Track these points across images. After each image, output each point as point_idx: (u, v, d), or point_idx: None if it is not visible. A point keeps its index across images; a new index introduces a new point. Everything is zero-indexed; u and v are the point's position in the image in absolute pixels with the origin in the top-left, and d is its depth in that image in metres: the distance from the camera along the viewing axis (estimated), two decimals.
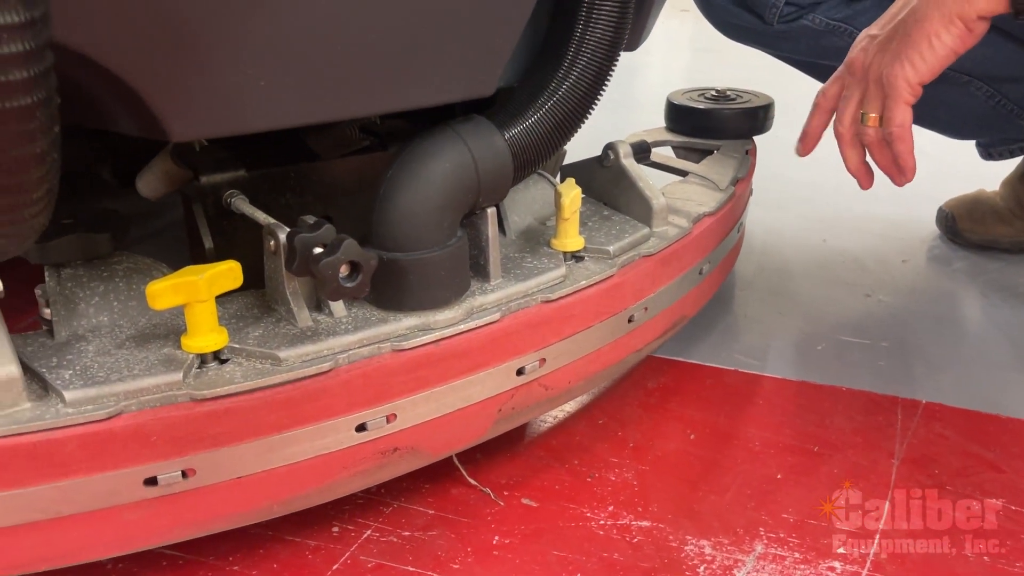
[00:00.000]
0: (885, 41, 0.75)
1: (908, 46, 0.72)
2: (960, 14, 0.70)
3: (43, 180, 0.44)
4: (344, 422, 0.61)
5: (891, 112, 0.74)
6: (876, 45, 0.75)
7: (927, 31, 0.71)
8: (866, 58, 0.76)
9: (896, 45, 0.73)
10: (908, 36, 0.72)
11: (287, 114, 0.55)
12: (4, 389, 0.53)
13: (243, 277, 0.58)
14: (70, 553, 0.56)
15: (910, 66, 0.72)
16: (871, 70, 0.76)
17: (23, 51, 0.38)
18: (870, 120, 0.77)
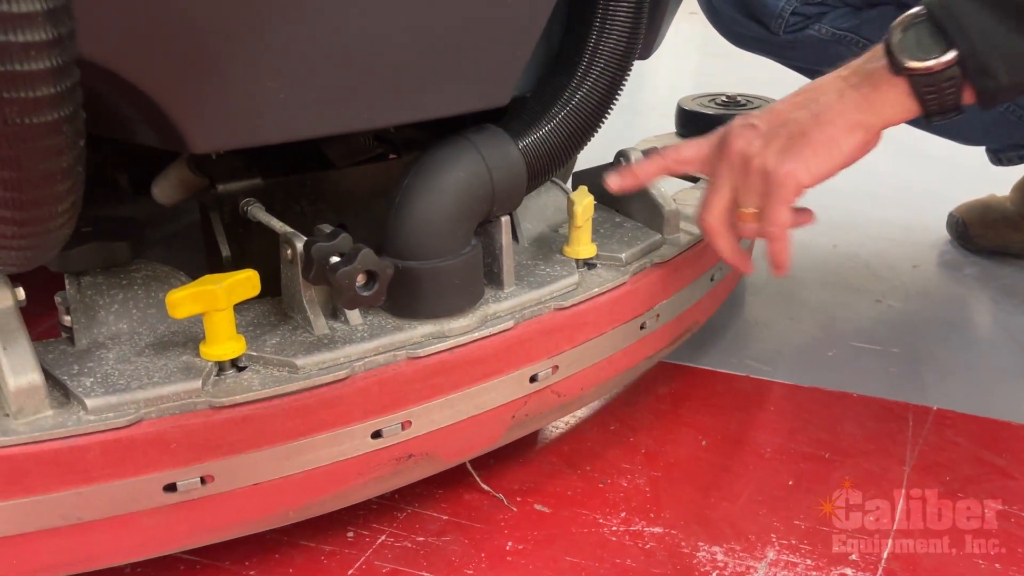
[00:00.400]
0: (775, 137, 0.65)
1: (806, 147, 0.64)
2: (865, 123, 0.64)
3: (68, 193, 0.45)
4: (360, 429, 0.62)
5: (773, 211, 0.65)
6: (763, 138, 0.66)
7: (829, 135, 0.64)
8: (749, 148, 0.66)
9: (790, 144, 0.64)
10: (806, 137, 0.64)
11: (305, 126, 0.56)
12: (27, 396, 0.54)
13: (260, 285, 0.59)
14: (91, 558, 0.57)
15: (805, 168, 0.64)
16: (754, 163, 0.65)
17: (50, 68, 0.39)
18: (747, 216, 0.67)
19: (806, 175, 0.64)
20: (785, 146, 0.64)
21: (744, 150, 0.66)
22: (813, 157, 0.64)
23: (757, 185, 0.66)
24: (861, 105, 0.64)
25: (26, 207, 0.43)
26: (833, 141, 0.64)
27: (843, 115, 0.64)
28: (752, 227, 0.68)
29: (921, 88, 0.61)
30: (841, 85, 0.65)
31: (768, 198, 0.65)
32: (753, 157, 0.65)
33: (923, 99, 0.62)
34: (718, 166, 0.68)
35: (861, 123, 0.64)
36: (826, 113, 0.64)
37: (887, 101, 0.63)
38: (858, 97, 0.64)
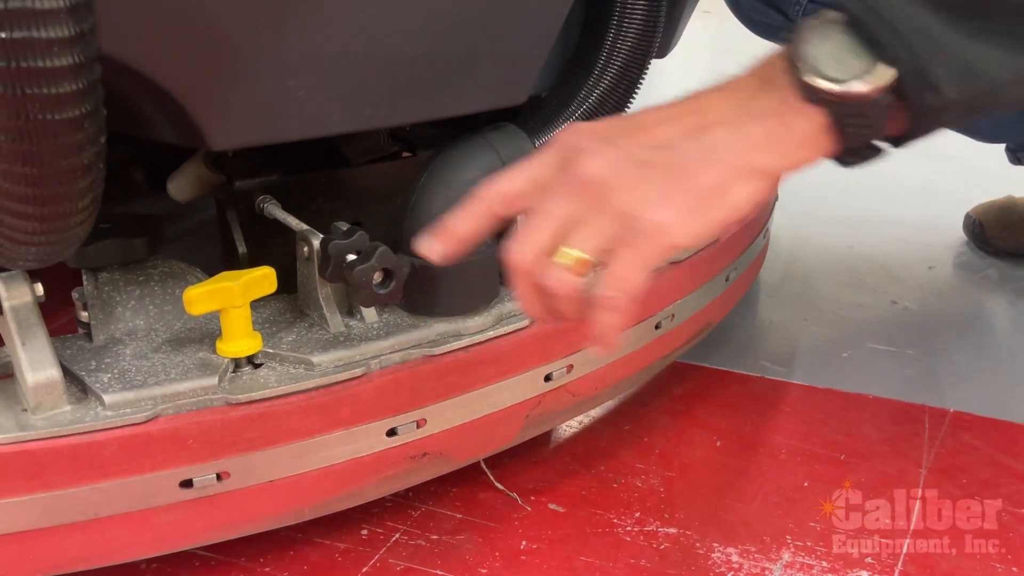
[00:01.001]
0: (648, 169, 0.46)
1: (688, 194, 0.45)
2: (765, 169, 0.46)
3: (89, 190, 0.45)
4: (375, 427, 0.62)
5: (625, 268, 0.45)
6: (631, 166, 0.46)
7: (719, 182, 0.46)
8: (609, 177, 0.46)
9: (669, 187, 0.45)
10: (691, 180, 0.46)
11: (323, 123, 0.56)
12: (45, 392, 0.54)
13: None
14: (108, 553, 0.57)
15: (681, 222, 0.45)
16: (614, 198, 0.45)
17: (73, 64, 0.39)
18: (578, 265, 0.46)
19: (680, 232, 0.45)
20: (662, 189, 0.45)
21: (601, 178, 0.46)
22: (696, 210, 0.45)
23: (607, 228, 0.45)
24: (762, 144, 0.46)
25: (47, 203, 0.44)
26: (722, 190, 0.46)
27: (739, 156, 0.46)
28: (575, 282, 0.46)
29: (844, 120, 0.45)
30: (738, 114, 0.47)
31: (623, 249, 0.45)
32: (614, 191, 0.45)
33: (845, 134, 0.46)
34: (555, 188, 0.47)
35: (760, 168, 0.46)
36: (718, 151, 0.46)
37: (796, 139, 0.46)
38: (760, 133, 0.46)
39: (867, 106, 0.44)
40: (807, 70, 0.45)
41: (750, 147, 0.46)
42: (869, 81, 0.44)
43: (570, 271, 0.46)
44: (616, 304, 0.45)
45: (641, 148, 0.46)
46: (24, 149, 0.41)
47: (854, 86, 0.44)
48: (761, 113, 0.46)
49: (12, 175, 0.42)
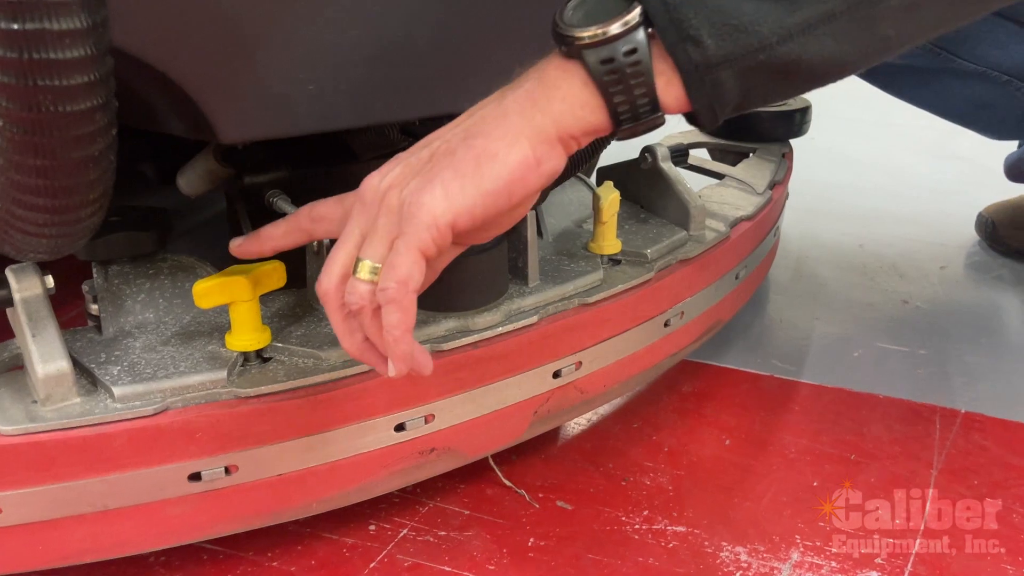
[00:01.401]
0: (416, 162, 0.48)
1: (446, 168, 0.45)
2: (531, 130, 0.45)
3: (99, 182, 0.45)
4: (384, 422, 0.62)
5: (395, 258, 0.45)
6: (402, 165, 0.48)
7: (480, 149, 0.45)
8: (383, 181, 0.48)
9: (432, 166, 0.46)
10: (451, 156, 0.46)
11: (333, 117, 0.56)
12: (55, 384, 0.54)
13: None
14: (115, 546, 0.58)
15: (443, 194, 0.45)
16: (388, 196, 0.47)
17: (84, 56, 0.39)
18: (364, 270, 0.46)
19: (443, 203, 0.44)
20: (428, 171, 0.46)
21: (378, 184, 0.48)
22: (455, 180, 0.45)
23: (387, 226, 0.46)
24: (524, 105, 0.46)
25: (58, 195, 0.44)
26: (485, 156, 0.45)
27: (500, 123, 0.46)
28: (366, 292, 0.46)
29: (600, 70, 0.44)
30: (501, 93, 0.48)
31: (396, 240, 0.45)
32: (388, 189, 0.47)
33: (604, 88, 0.45)
34: (352, 210, 0.49)
35: (525, 130, 0.45)
36: (479, 125, 0.46)
37: (557, 94, 0.45)
38: (521, 96, 0.46)
39: (618, 49, 0.44)
40: (564, 23, 0.45)
41: (512, 112, 0.46)
42: (617, 23, 0.44)
43: (362, 279, 0.46)
44: (391, 296, 0.45)
45: (416, 153, 0.48)
46: (36, 141, 0.41)
47: (603, 28, 0.44)
48: (524, 80, 0.47)
49: (24, 167, 0.42)
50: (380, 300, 0.46)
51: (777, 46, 0.44)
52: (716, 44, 0.43)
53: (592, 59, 0.44)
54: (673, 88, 0.45)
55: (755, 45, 0.44)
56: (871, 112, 1.23)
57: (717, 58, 0.44)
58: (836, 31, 0.45)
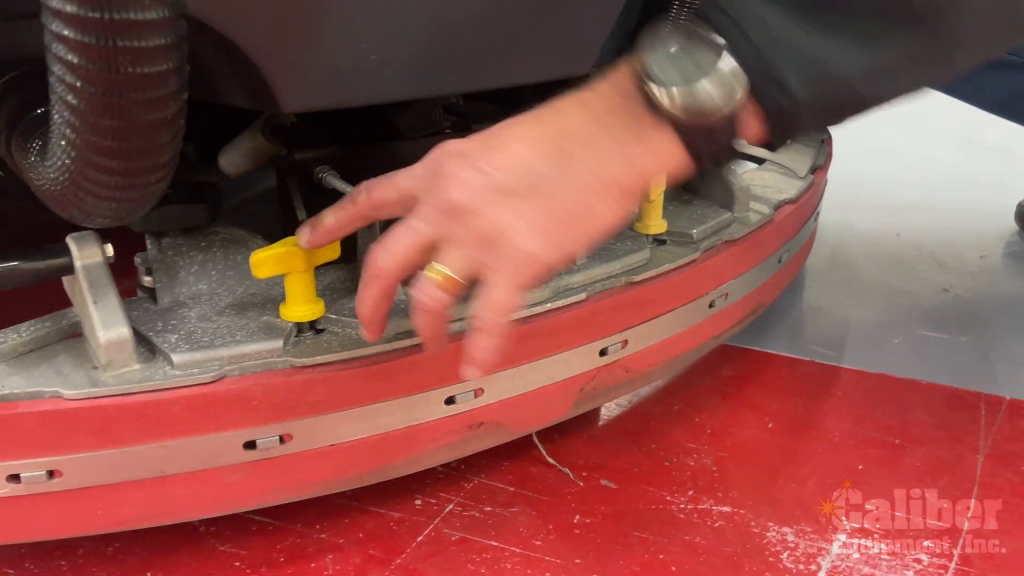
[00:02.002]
0: (512, 196, 0.47)
1: (550, 217, 0.47)
2: (622, 184, 0.48)
3: (170, 145, 0.46)
4: (434, 395, 0.62)
5: (501, 295, 0.47)
6: (495, 193, 0.47)
7: (585, 204, 0.47)
8: (474, 202, 0.47)
9: (537, 212, 0.47)
10: (556, 205, 0.47)
11: (392, 88, 0.56)
12: (116, 350, 0.55)
13: None
14: (171, 512, 0.58)
15: (545, 241, 0.47)
16: (479, 222, 0.47)
17: (162, 17, 0.40)
18: (446, 280, 0.48)
19: (547, 256, 0.47)
20: (532, 216, 0.47)
21: (465, 203, 0.47)
22: (559, 232, 0.47)
23: (474, 252, 0.47)
24: (619, 162, 0.48)
25: (131, 157, 0.44)
26: (584, 211, 0.47)
27: (597, 176, 0.47)
28: (444, 299, 0.49)
29: (692, 134, 0.47)
30: (596, 130, 0.48)
31: (495, 276, 0.47)
32: (478, 217, 0.47)
33: (693, 142, 0.47)
34: (423, 206, 0.49)
35: (618, 185, 0.48)
36: (577, 172, 0.47)
37: (652, 153, 0.48)
38: (616, 151, 0.48)
39: (714, 121, 0.46)
40: (648, 79, 0.46)
41: (608, 166, 0.48)
42: (711, 88, 0.45)
43: (440, 287, 0.48)
44: (495, 328, 0.48)
45: (503, 172, 0.48)
46: (112, 102, 0.41)
47: (695, 93, 0.45)
48: (617, 128, 0.48)
49: (99, 128, 0.42)
50: (477, 325, 0.49)
51: (860, 88, 0.46)
52: (803, 91, 0.45)
53: (685, 127, 0.47)
54: (754, 127, 0.48)
55: (839, 90, 0.46)
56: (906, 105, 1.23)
57: (803, 104, 0.46)
58: (915, 68, 0.47)
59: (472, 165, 0.48)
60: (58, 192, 0.49)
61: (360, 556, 0.64)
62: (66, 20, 0.38)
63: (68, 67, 0.40)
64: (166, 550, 0.64)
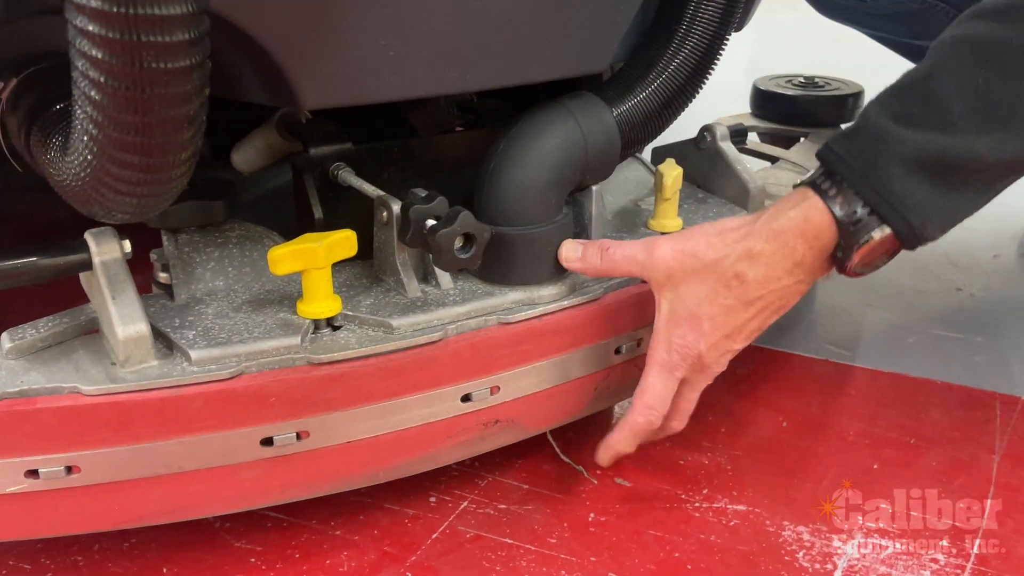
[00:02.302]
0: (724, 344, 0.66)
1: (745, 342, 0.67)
2: None
3: (191, 142, 0.45)
4: (450, 392, 0.62)
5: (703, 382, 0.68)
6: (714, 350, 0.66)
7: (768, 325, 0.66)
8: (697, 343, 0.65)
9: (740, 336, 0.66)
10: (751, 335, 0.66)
11: (411, 85, 0.56)
12: (135, 345, 0.55)
13: None
14: (188, 508, 0.58)
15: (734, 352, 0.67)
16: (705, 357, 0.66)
17: (186, 13, 0.40)
18: None
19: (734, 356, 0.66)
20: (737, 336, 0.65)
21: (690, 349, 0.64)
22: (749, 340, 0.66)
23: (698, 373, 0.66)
24: (806, 289, 0.65)
25: (153, 153, 0.44)
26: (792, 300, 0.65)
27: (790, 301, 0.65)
28: None
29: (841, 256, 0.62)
30: (790, 282, 0.63)
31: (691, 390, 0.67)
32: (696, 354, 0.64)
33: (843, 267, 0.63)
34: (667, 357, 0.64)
35: None
36: (783, 310, 0.65)
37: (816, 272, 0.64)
38: (807, 286, 0.64)
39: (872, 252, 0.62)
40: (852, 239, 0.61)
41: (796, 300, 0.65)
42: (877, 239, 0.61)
43: None
44: None
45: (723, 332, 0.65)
46: (136, 97, 0.41)
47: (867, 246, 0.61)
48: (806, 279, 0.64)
49: (121, 123, 0.42)
50: None
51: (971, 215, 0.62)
52: (938, 234, 0.61)
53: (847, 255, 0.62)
54: (886, 242, 0.61)
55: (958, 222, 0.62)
56: None
57: (932, 240, 0.62)
58: None
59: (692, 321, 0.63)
60: (79, 188, 0.49)
61: (375, 553, 0.64)
62: (90, 15, 0.38)
63: (92, 62, 0.40)
64: (182, 546, 0.64)
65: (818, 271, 0.63)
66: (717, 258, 0.62)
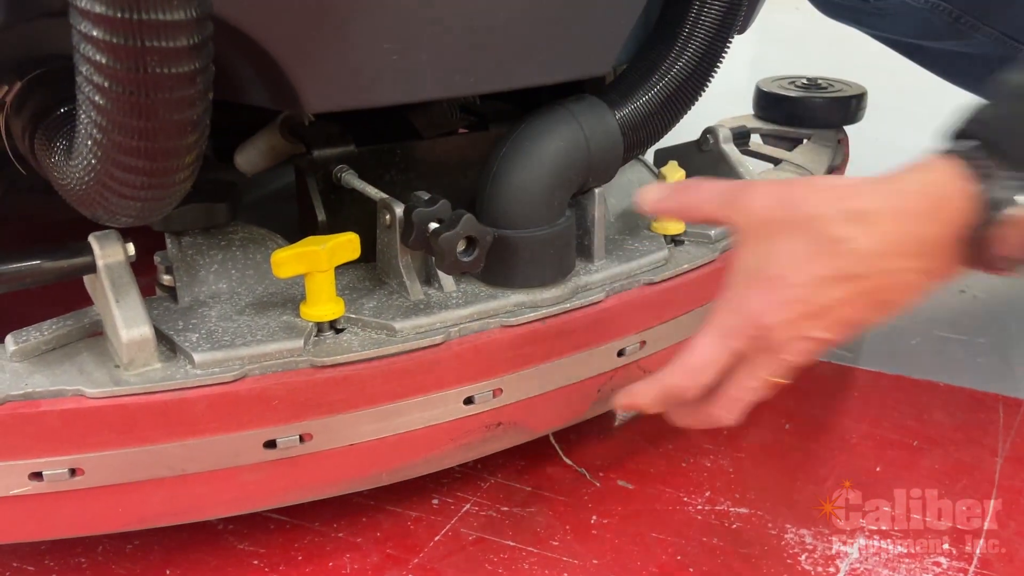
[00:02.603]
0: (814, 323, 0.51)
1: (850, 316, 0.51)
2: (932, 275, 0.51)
3: (195, 146, 0.46)
4: (453, 394, 0.62)
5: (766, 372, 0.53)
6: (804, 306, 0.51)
7: (889, 303, 0.52)
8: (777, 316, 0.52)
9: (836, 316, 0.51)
10: (853, 326, 0.52)
11: (414, 88, 0.56)
12: (138, 348, 0.55)
13: None
14: (192, 510, 0.58)
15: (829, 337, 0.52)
16: (775, 333, 0.52)
17: (189, 18, 0.40)
18: None
19: (826, 346, 0.52)
20: (826, 318, 0.50)
21: (758, 318, 0.51)
22: (847, 324, 0.51)
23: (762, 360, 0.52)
24: (925, 286, 0.51)
25: (157, 157, 0.44)
26: (887, 304, 0.52)
27: (906, 302, 0.51)
28: None
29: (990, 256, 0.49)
30: (904, 265, 0.50)
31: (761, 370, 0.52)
32: (779, 325, 0.50)
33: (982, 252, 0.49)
34: (727, 320, 0.52)
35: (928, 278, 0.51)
36: (889, 307, 0.51)
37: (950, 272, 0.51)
38: (927, 282, 0.51)
39: None
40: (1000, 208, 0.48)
41: (916, 293, 0.51)
42: None
43: None
44: None
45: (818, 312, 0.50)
46: (140, 102, 0.41)
47: None
48: (931, 266, 0.50)
49: (125, 128, 0.42)
50: None
51: None
52: None
53: None
54: None
55: None
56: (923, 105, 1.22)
57: None
58: None
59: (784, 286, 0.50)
60: (83, 191, 0.49)
61: (378, 555, 0.64)
62: (95, 20, 0.38)
63: (96, 67, 0.40)
64: (185, 548, 0.64)
65: (943, 262, 0.50)
66: (819, 214, 0.50)
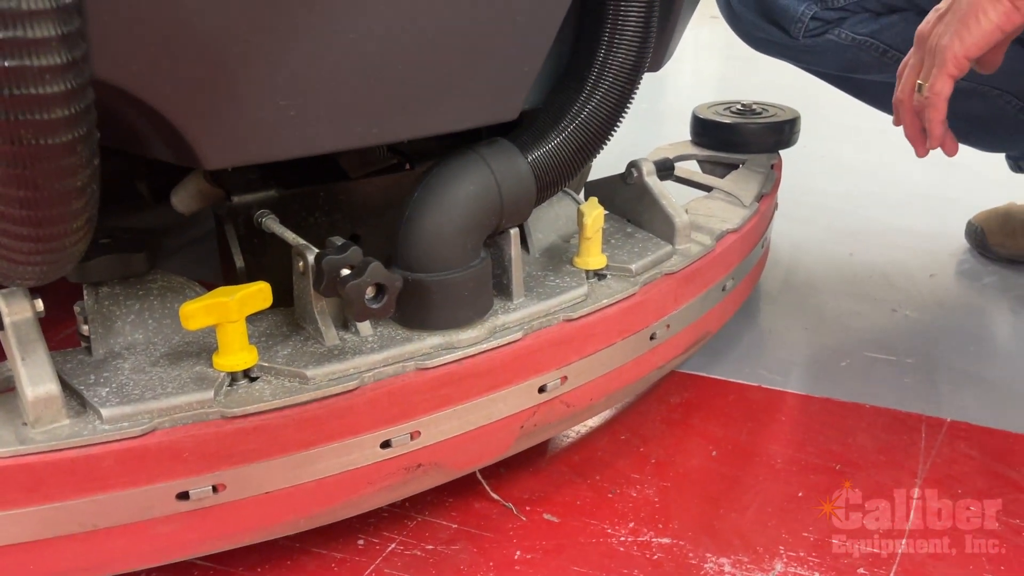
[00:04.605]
0: (943, 14, 0.78)
1: (958, 20, 0.75)
2: None
3: (83, 210, 0.46)
4: (369, 439, 0.63)
5: (933, 80, 0.78)
6: (936, 17, 0.79)
7: (976, 8, 0.74)
8: (927, 29, 0.80)
9: (949, 18, 0.77)
10: (960, 11, 0.75)
11: (315, 142, 0.57)
12: (44, 406, 0.55)
13: (272, 295, 0.60)
14: (106, 564, 0.58)
15: (958, 40, 0.75)
16: (929, 41, 0.79)
17: (65, 91, 0.40)
18: (925, 89, 0.80)
19: (960, 48, 0.75)
20: (947, 22, 0.77)
21: (926, 31, 0.80)
22: (965, 30, 0.75)
23: (929, 60, 0.79)
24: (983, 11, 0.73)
25: (43, 225, 0.45)
26: (982, 13, 0.74)
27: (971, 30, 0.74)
28: (920, 100, 0.81)
29: None
30: None
31: (933, 70, 0.78)
32: (930, 36, 0.79)
33: None
34: (913, 51, 0.82)
35: None
36: (956, 32, 0.75)
37: None
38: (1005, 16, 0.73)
39: None
40: None
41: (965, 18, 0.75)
42: None
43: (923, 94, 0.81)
44: (934, 102, 0.80)
45: (942, 7, 0.79)
46: (19, 173, 0.42)
47: None
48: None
49: (8, 198, 0.43)
50: (923, 103, 0.81)
51: None
52: None
53: None
54: None
55: None
56: (867, 120, 1.24)
57: None
58: None
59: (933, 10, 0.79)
60: None
61: None
62: None
63: None
64: None
65: None
66: None
